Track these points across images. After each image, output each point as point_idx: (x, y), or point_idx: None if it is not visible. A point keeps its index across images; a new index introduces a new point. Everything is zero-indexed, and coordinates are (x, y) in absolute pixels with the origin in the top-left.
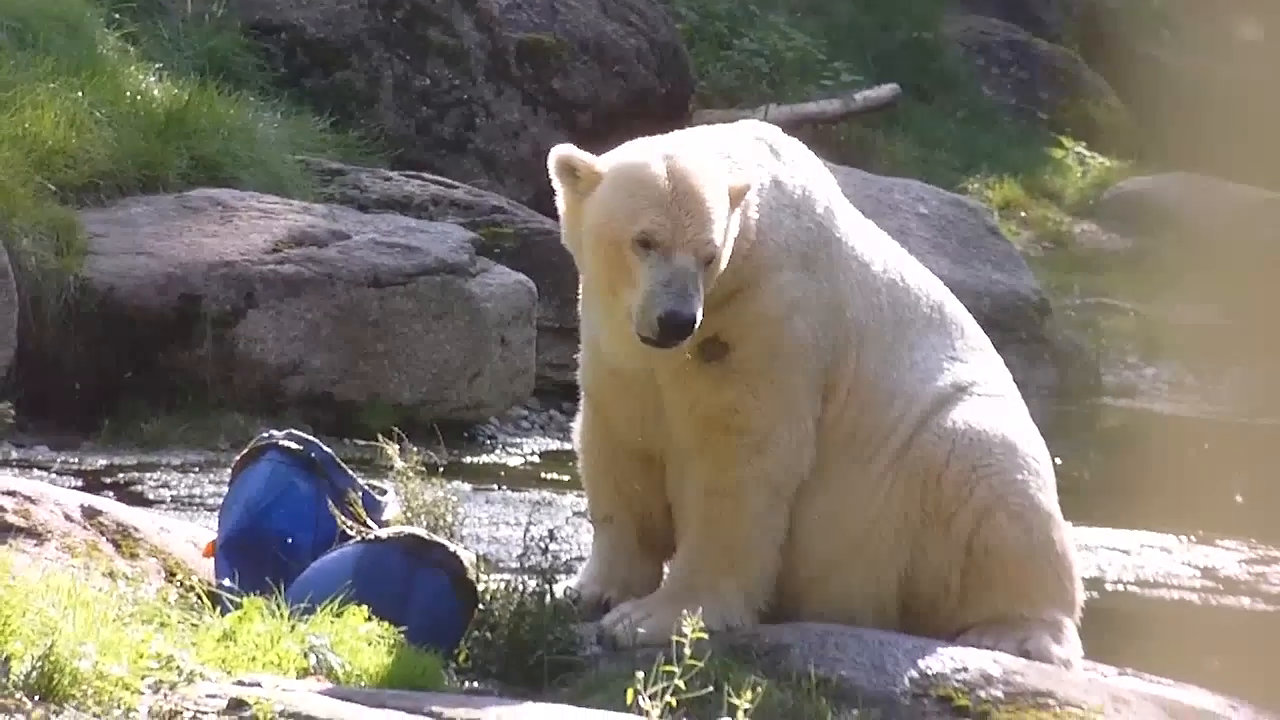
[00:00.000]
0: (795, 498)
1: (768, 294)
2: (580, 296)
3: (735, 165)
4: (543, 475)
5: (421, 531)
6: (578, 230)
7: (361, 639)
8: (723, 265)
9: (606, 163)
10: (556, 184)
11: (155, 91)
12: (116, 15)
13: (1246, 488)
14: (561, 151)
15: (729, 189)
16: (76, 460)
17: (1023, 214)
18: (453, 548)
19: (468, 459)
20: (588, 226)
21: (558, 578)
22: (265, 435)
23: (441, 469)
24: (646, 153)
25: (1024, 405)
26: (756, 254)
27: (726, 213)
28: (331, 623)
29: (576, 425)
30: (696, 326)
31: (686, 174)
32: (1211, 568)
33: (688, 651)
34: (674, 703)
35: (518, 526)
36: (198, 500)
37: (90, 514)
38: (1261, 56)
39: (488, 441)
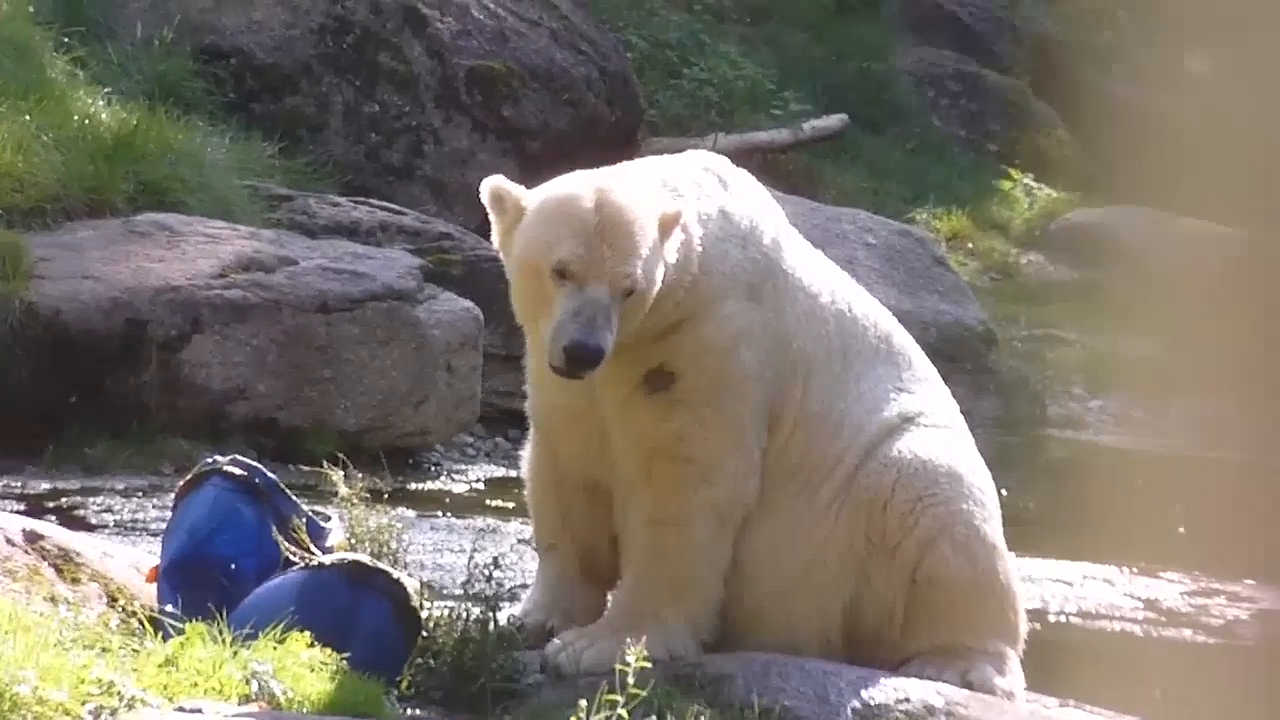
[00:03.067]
0: (741, 527)
1: (712, 324)
2: None
3: (678, 195)
4: (487, 502)
5: (365, 558)
6: (508, 261)
7: (304, 665)
8: (651, 295)
9: (538, 194)
10: (490, 214)
11: (103, 116)
12: (65, 39)
13: (1190, 520)
14: (492, 182)
15: (660, 218)
16: (19, 484)
17: (970, 245)
18: (396, 575)
19: (412, 486)
20: (513, 256)
21: (501, 605)
22: (209, 461)
23: (386, 496)
24: (576, 184)
25: (970, 436)
26: (701, 285)
27: (654, 244)
28: (274, 649)
29: (524, 453)
30: (604, 358)
31: (613, 206)
32: (1154, 600)
33: (631, 680)
34: None
35: (462, 554)
36: (141, 525)
37: (32, 538)
38: (1210, 90)
39: (433, 468)
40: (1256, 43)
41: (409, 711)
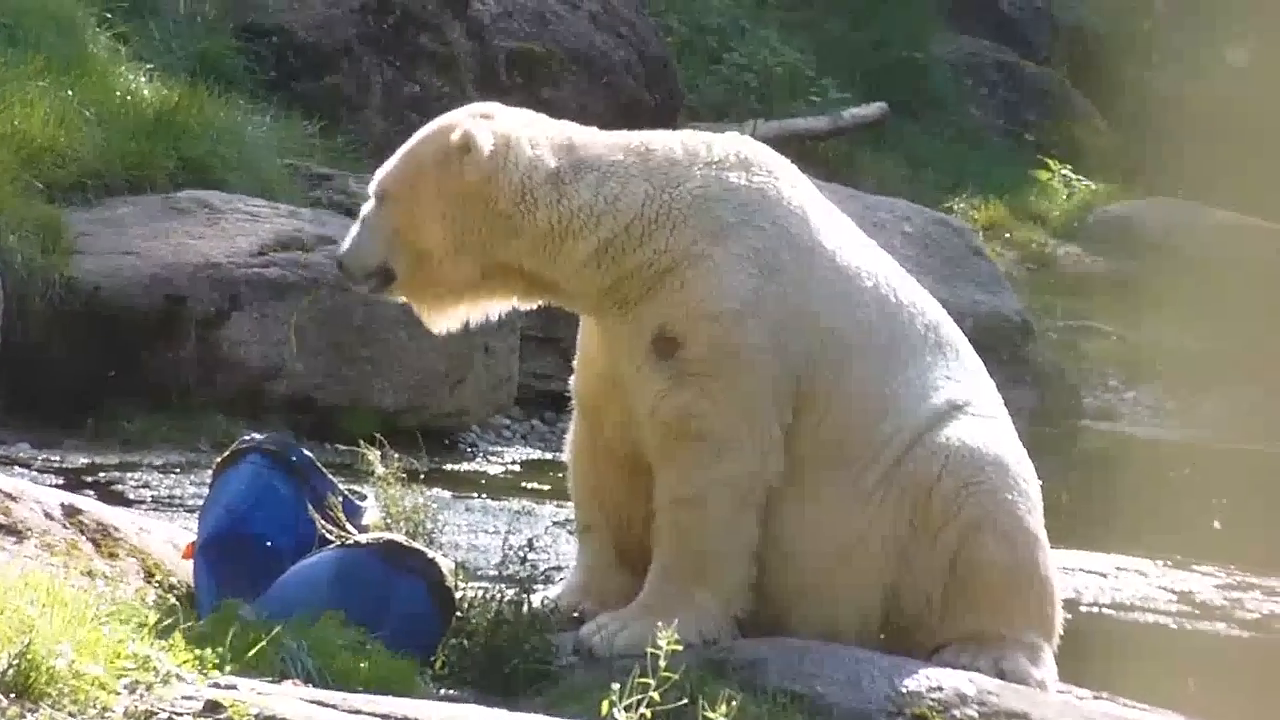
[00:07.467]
0: (778, 505)
1: (706, 286)
2: None
3: (672, 158)
4: (523, 484)
5: (400, 538)
6: None
7: (338, 644)
8: (424, 221)
9: None
10: None
11: (145, 92)
12: (108, 15)
13: (1224, 513)
14: None
15: (439, 145)
16: (58, 458)
17: (1007, 235)
18: (431, 555)
19: (448, 466)
20: None
21: (535, 587)
22: (247, 438)
23: (422, 476)
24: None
25: (1014, 428)
26: (674, 237)
27: (415, 162)
28: (309, 627)
29: (568, 434)
30: (347, 260)
31: None
32: (1187, 592)
33: (663, 663)
34: (649, 714)
35: (497, 535)
36: (178, 501)
37: (70, 512)
38: (1248, 82)
39: (469, 449)
40: None
41: (442, 691)
